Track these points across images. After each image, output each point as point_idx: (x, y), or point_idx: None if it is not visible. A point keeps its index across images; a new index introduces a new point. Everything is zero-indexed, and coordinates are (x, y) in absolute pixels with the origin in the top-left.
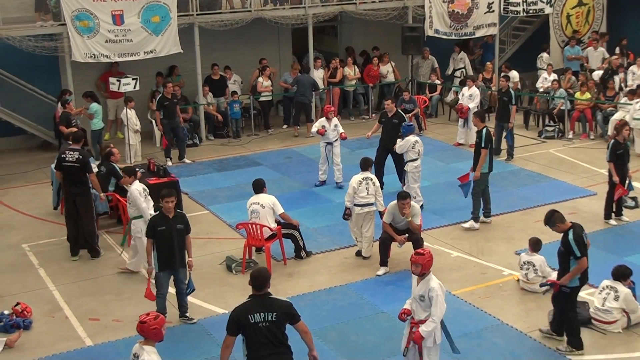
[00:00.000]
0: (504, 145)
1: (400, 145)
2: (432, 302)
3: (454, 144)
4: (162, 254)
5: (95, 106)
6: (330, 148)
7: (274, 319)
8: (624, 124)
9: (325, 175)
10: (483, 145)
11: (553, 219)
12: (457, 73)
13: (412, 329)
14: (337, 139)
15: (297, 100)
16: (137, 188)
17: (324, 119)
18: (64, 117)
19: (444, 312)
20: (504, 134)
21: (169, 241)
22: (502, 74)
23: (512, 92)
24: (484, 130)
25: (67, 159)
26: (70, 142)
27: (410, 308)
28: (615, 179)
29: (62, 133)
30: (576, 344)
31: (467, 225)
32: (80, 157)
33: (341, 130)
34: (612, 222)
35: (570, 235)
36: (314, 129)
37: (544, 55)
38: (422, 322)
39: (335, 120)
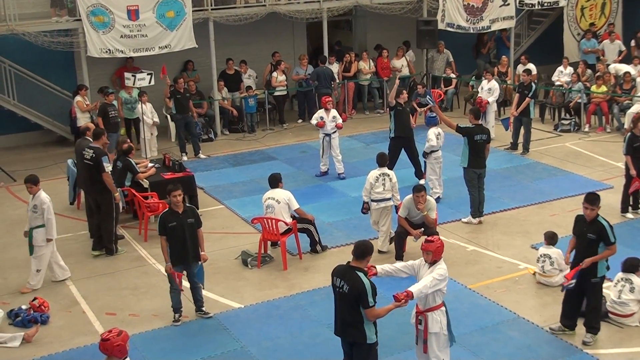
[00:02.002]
0: (520, 139)
1: (427, 146)
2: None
3: None
4: (174, 250)
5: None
6: (329, 140)
7: (346, 291)
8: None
9: (326, 167)
10: (457, 129)
11: (599, 202)
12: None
13: (418, 317)
14: (335, 131)
15: (319, 92)
16: (47, 196)
17: (322, 110)
18: (102, 109)
19: (433, 288)
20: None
21: (181, 236)
22: (524, 69)
23: (534, 85)
24: (469, 126)
25: (85, 156)
26: (87, 137)
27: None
28: (632, 172)
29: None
30: (597, 329)
31: (465, 220)
32: (94, 155)
33: (339, 121)
34: (629, 215)
35: (605, 222)
36: (314, 121)
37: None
38: (429, 310)
39: (333, 112)
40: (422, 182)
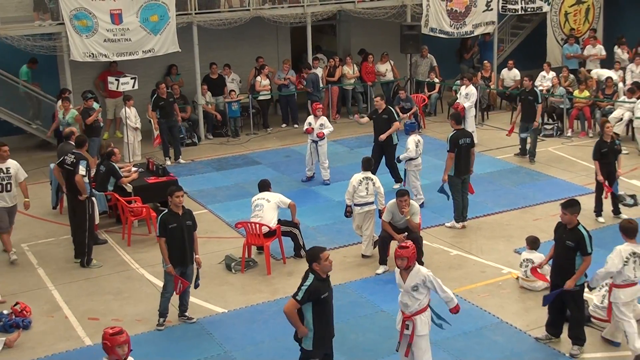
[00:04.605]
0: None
1: (404, 155)
2: (434, 286)
3: None
4: (173, 252)
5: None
6: (315, 146)
7: None
8: (605, 122)
9: (312, 172)
10: (448, 148)
11: (577, 207)
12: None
13: (404, 322)
14: (322, 138)
15: (310, 99)
16: None
17: (312, 116)
18: (85, 113)
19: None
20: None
21: (180, 238)
22: (526, 74)
23: (537, 90)
24: (452, 133)
25: (66, 162)
26: (70, 142)
27: (399, 302)
28: (600, 178)
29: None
30: (582, 340)
31: (448, 224)
32: (74, 160)
33: (326, 130)
34: (601, 219)
35: (585, 232)
36: (304, 126)
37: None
38: (416, 313)
39: (322, 119)
40: (396, 186)
